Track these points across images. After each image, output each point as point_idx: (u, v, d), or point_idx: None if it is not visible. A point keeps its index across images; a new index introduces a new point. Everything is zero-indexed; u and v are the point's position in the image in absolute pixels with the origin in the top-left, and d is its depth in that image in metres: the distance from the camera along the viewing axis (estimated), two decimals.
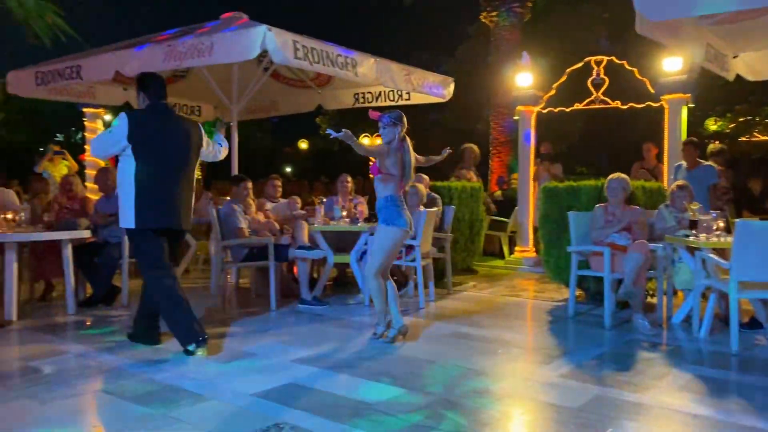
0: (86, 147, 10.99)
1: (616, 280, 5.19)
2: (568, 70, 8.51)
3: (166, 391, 3.48)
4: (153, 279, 4.35)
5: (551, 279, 6.56)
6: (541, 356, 4.32)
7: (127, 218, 4.27)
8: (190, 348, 4.18)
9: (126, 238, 5.24)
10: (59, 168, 11.49)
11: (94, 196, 7.36)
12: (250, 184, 6.33)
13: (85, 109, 10.40)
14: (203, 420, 3.06)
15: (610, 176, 5.55)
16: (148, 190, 4.27)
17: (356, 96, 8.53)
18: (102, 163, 10.26)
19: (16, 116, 22.05)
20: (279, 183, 7.28)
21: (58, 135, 25.36)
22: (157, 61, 5.73)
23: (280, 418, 3.04)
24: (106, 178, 6.33)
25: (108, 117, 16.59)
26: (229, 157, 7.83)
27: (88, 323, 5.36)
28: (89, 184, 9.95)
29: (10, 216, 5.42)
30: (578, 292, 6.22)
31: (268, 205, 7.00)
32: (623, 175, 5.56)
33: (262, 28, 5.17)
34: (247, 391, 3.46)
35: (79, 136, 23.87)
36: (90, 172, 10.47)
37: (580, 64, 8.42)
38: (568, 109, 8.69)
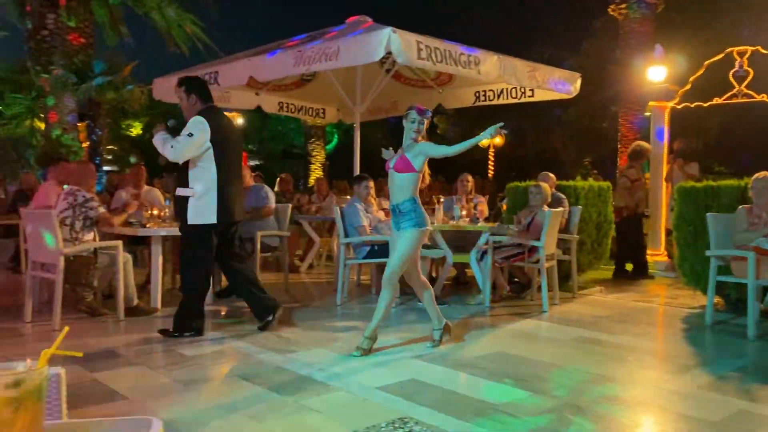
0: None
1: (761, 287, 4.79)
2: (706, 62, 7.96)
3: (295, 380, 3.63)
4: (203, 276, 4.70)
5: (685, 284, 6.16)
6: (675, 365, 4.08)
7: (208, 214, 4.52)
8: (187, 334, 4.63)
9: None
10: None
11: None
12: (371, 183, 6.46)
13: None
14: (332, 409, 3.17)
15: (756, 175, 5.12)
16: (227, 187, 4.58)
17: (477, 94, 8.44)
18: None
19: (159, 120, 23.95)
20: None
21: None
22: (288, 65, 5.98)
23: (404, 412, 3.08)
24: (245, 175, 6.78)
25: (240, 120, 17.52)
26: (351, 156, 8.07)
27: (223, 313, 5.71)
28: None
29: (156, 212, 5.89)
30: (716, 299, 5.81)
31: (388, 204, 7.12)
32: None
33: (387, 30, 5.24)
34: (372, 384, 3.54)
35: None
36: None
37: (720, 56, 7.84)
38: (706, 104, 8.13)
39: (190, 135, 4.45)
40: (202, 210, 4.54)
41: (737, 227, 5.00)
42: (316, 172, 21.39)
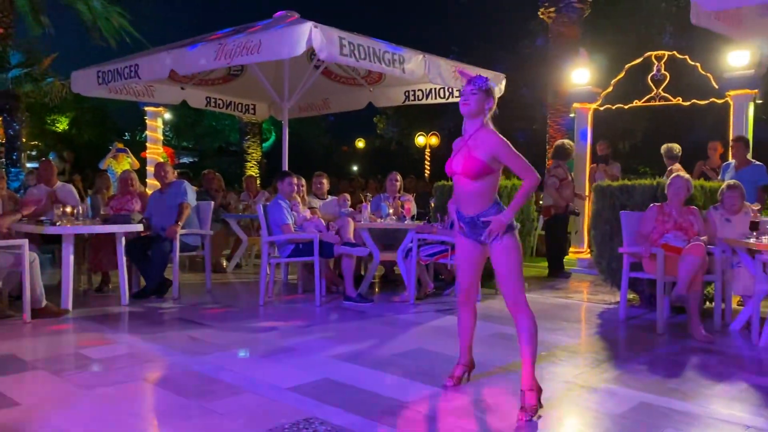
0: (147, 145, 11.38)
1: (671, 283, 4.97)
2: (626, 65, 8.23)
3: (204, 383, 3.53)
4: None
5: (603, 281, 6.35)
6: (586, 360, 4.17)
7: None
8: None
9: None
10: (122, 165, 11.93)
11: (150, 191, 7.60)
12: (295, 180, 6.32)
13: (146, 108, 10.78)
14: (236, 412, 3.09)
15: (673, 175, 5.34)
16: None
17: (407, 93, 8.49)
18: (160, 159, 10.62)
19: (86, 115, 23.08)
20: (324, 180, 7.31)
21: (126, 134, 26.36)
22: (209, 59, 5.85)
23: (312, 413, 3.04)
24: (162, 171, 6.57)
25: (168, 115, 17.03)
26: (280, 154, 7.97)
27: (138, 314, 5.51)
28: (150, 180, 10.30)
29: (68, 210, 5.63)
30: (632, 295, 6.02)
31: (318, 203, 7.05)
32: (686, 175, 5.35)
33: (308, 25, 5.19)
34: (283, 385, 3.47)
35: (145, 134, 24.80)
36: (150, 169, 10.84)
37: (639, 60, 8.13)
38: (626, 107, 8.41)
39: None
40: None
41: (645, 223, 5.17)
42: (252, 170, 21.01)
